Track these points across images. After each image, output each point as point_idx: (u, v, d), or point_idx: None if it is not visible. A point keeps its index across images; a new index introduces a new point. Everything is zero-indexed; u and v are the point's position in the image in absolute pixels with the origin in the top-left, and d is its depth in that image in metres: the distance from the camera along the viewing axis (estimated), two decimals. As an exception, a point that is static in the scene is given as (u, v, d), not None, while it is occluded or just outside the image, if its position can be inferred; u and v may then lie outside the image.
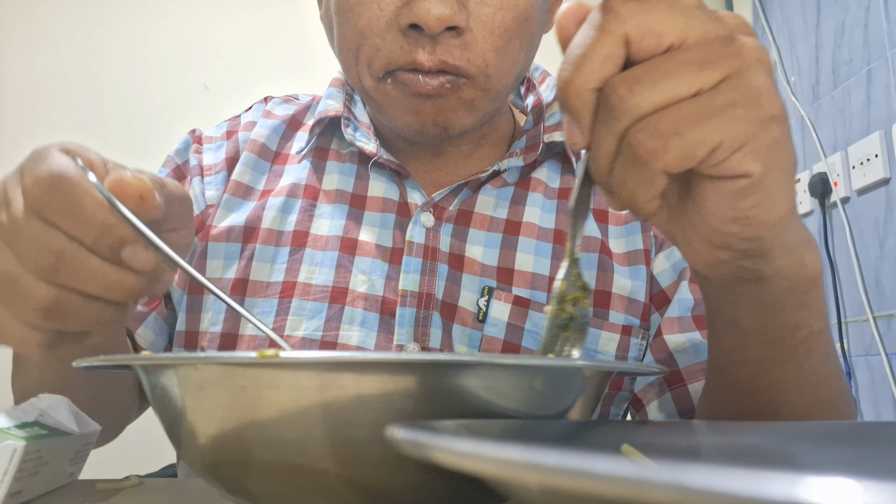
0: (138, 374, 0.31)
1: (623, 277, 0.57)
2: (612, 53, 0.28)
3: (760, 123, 0.27)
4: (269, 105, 0.68)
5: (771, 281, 0.34)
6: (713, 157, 0.27)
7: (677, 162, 0.27)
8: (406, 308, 0.54)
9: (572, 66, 0.28)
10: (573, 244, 0.33)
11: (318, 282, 0.55)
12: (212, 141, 0.65)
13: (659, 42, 0.28)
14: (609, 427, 0.29)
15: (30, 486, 0.33)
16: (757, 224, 0.30)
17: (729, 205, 0.29)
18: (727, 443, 0.28)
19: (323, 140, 0.63)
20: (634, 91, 0.27)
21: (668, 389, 0.55)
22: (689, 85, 0.27)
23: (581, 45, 0.28)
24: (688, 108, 0.27)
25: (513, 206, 0.59)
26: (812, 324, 0.37)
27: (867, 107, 1.35)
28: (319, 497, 0.26)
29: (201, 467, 0.28)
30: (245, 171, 0.62)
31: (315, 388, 0.24)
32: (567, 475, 0.11)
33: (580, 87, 0.28)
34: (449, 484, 0.25)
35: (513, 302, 0.55)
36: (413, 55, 0.49)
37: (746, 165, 0.28)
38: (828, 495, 0.08)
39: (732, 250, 0.32)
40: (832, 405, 0.41)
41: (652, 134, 0.27)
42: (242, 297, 0.56)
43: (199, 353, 0.26)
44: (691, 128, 0.27)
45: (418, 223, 0.57)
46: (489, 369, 0.25)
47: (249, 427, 0.25)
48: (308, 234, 0.57)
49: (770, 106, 0.28)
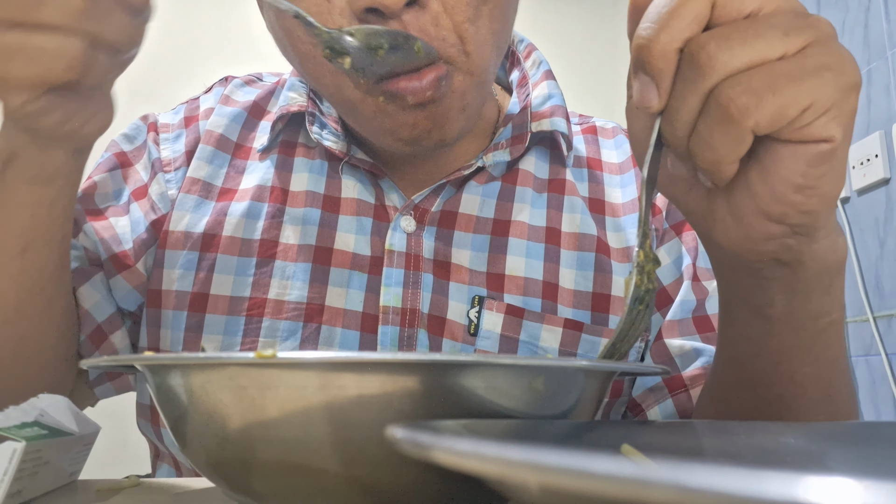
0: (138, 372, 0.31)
1: (622, 277, 0.55)
2: (700, 13, 0.28)
3: (846, 90, 0.28)
4: (228, 88, 0.61)
5: (806, 264, 0.33)
6: (802, 119, 0.28)
7: (769, 120, 0.27)
8: (388, 326, 0.50)
9: (658, 25, 0.28)
10: (647, 213, 0.32)
11: (291, 298, 0.51)
12: (169, 129, 0.58)
13: (741, 8, 0.28)
14: (609, 427, 0.29)
15: (30, 486, 0.33)
16: (819, 196, 0.30)
17: (802, 171, 0.29)
18: (727, 443, 0.28)
19: (289, 133, 0.57)
20: (724, 47, 0.27)
21: (669, 395, 0.53)
22: (777, 47, 0.27)
23: (667, 4, 0.28)
24: (781, 67, 0.27)
25: (500, 203, 0.55)
26: (832, 312, 0.36)
27: (867, 107, 1.35)
28: (322, 496, 0.26)
29: (206, 466, 0.28)
30: (201, 165, 0.55)
31: (315, 387, 0.24)
32: (567, 475, 0.11)
33: (666, 45, 0.28)
34: (451, 483, 0.25)
35: (505, 311, 0.52)
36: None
37: (831, 130, 0.28)
38: (828, 495, 0.08)
39: (785, 224, 0.31)
40: (841, 401, 0.40)
41: (745, 90, 0.27)
42: (202, 313, 0.51)
43: (200, 353, 0.26)
44: (786, 86, 0.27)
45: (398, 229, 0.53)
46: (491, 369, 0.25)
47: (251, 427, 0.25)
48: (277, 243, 0.52)
49: (854, 74, 0.28)
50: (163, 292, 0.53)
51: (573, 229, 0.55)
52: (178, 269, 0.52)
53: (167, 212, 0.55)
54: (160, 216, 0.55)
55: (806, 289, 0.35)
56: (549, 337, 0.52)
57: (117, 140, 0.59)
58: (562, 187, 0.57)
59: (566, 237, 0.55)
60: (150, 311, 0.53)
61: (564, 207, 0.56)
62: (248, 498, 0.28)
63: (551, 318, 0.52)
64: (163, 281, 0.53)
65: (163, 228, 0.54)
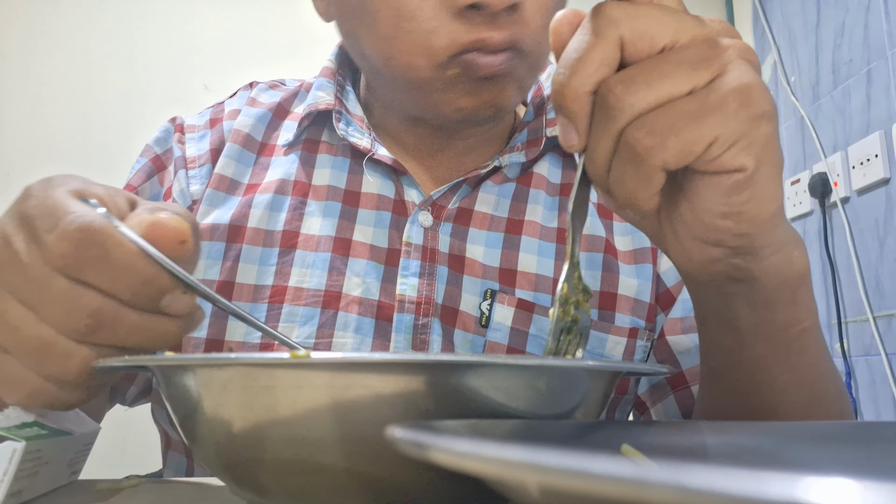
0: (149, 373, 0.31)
1: (629, 277, 0.56)
2: (608, 57, 0.29)
3: (753, 120, 0.28)
4: (253, 92, 0.64)
5: (761, 279, 0.34)
6: (709, 153, 0.28)
7: (675, 158, 0.28)
8: (404, 314, 0.52)
9: (569, 70, 0.29)
10: (574, 247, 0.33)
11: (310, 285, 0.53)
12: (194, 130, 0.61)
13: (652, 44, 0.29)
14: (609, 427, 0.29)
15: (30, 486, 0.33)
16: (748, 219, 0.31)
17: (722, 200, 0.30)
18: (727, 443, 0.28)
19: (313, 132, 0.59)
20: (631, 90, 0.28)
21: (671, 392, 0.55)
22: (684, 84, 0.28)
23: (577, 50, 0.29)
24: (683, 105, 0.28)
25: (514, 203, 0.57)
26: (803, 321, 0.37)
27: (867, 107, 1.35)
28: (330, 494, 0.26)
29: (214, 462, 0.28)
30: (229, 163, 0.58)
31: (323, 387, 0.24)
32: (566, 475, 0.11)
33: (577, 89, 0.29)
34: (464, 484, 0.25)
35: (516, 305, 0.53)
36: (479, 34, 0.46)
37: (741, 160, 0.29)
38: (828, 495, 0.08)
39: (724, 247, 0.32)
40: (828, 402, 0.41)
41: (650, 131, 0.28)
42: (228, 300, 0.51)
43: (228, 354, 0.26)
44: (688, 124, 0.28)
45: (416, 223, 0.55)
46: (506, 370, 0.25)
47: (261, 425, 0.25)
48: (299, 234, 0.54)
49: (761, 103, 0.29)
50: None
51: (584, 231, 0.56)
52: (205, 260, 0.54)
53: (186, 207, 0.56)
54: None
55: (768, 301, 0.35)
56: None
57: (151, 144, 0.61)
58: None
59: None
60: None
61: None
62: (254, 494, 0.28)
63: None
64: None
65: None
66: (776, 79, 1.65)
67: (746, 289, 0.35)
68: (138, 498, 0.36)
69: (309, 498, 0.26)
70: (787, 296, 0.35)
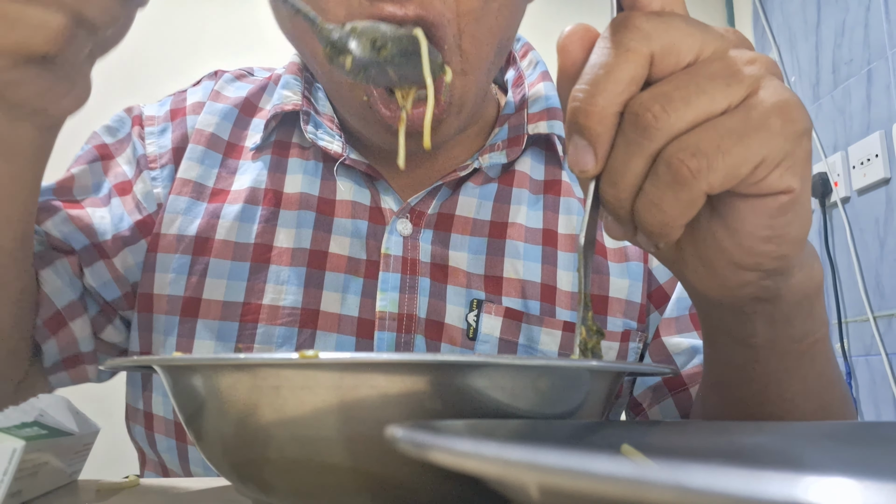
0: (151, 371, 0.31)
1: (619, 278, 0.54)
2: (639, 73, 0.27)
3: (796, 137, 0.27)
4: (218, 84, 0.60)
5: (785, 297, 0.33)
6: (755, 175, 0.26)
7: (722, 181, 0.26)
8: (385, 332, 0.49)
9: (594, 88, 0.27)
10: (586, 286, 0.30)
11: (286, 303, 0.50)
12: (154, 123, 0.57)
13: (679, 60, 0.27)
14: (609, 427, 0.29)
15: (30, 486, 0.33)
16: (789, 241, 0.29)
17: (766, 223, 0.28)
18: (727, 443, 0.28)
19: (282, 132, 0.56)
20: (668, 109, 0.26)
21: (669, 395, 0.53)
22: (720, 101, 0.26)
23: (603, 66, 0.27)
24: (727, 123, 0.26)
25: (497, 205, 0.54)
26: (816, 332, 0.36)
27: (867, 107, 1.35)
28: (335, 493, 0.26)
29: (225, 465, 0.28)
30: (192, 166, 0.54)
31: (329, 387, 0.25)
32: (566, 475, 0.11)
33: (605, 109, 0.27)
34: (469, 483, 0.25)
35: (504, 315, 0.51)
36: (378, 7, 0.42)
37: (787, 181, 0.27)
38: (828, 495, 0.08)
39: (761, 271, 0.30)
40: (835, 409, 0.40)
41: (694, 153, 0.26)
42: (195, 318, 0.50)
43: (237, 354, 0.26)
44: (734, 145, 0.26)
45: (394, 232, 0.52)
46: (512, 371, 0.25)
47: (269, 424, 0.25)
48: (272, 247, 0.51)
49: (802, 119, 0.27)
50: (154, 296, 0.52)
51: (569, 231, 0.55)
52: (170, 274, 0.51)
53: (152, 211, 0.54)
54: (146, 216, 0.54)
55: (787, 317, 0.34)
56: (547, 340, 0.52)
57: (99, 132, 0.57)
58: (558, 189, 0.57)
59: (562, 239, 0.55)
60: (141, 315, 0.52)
61: (560, 209, 0.56)
62: (260, 493, 0.28)
63: (550, 321, 0.52)
64: (154, 285, 0.51)
65: (153, 231, 0.53)
66: (776, 79, 1.66)
67: (769, 307, 0.33)
68: (138, 498, 0.36)
69: (315, 497, 0.27)
70: (806, 310, 0.34)
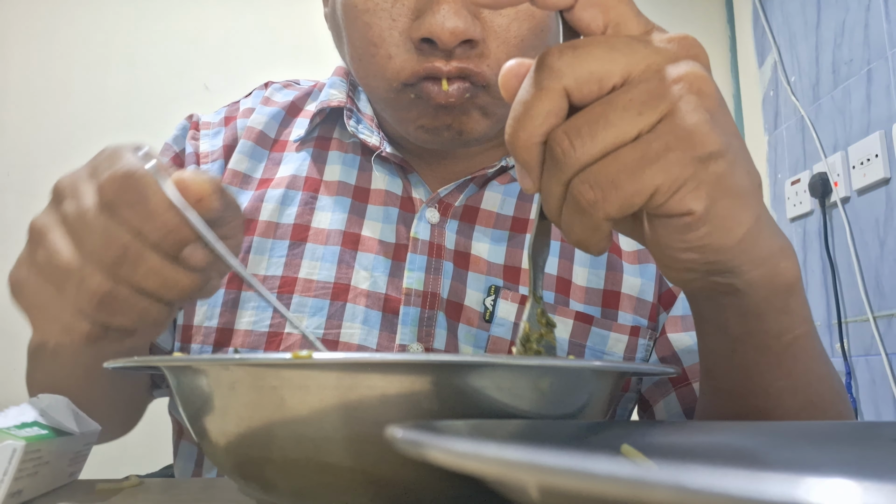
0: (163, 373, 0.32)
1: (632, 276, 0.57)
2: (553, 108, 0.28)
3: (698, 163, 0.28)
4: (268, 91, 0.66)
5: (746, 291, 0.34)
6: (652, 202, 0.28)
7: (617, 210, 0.28)
8: (410, 307, 0.53)
9: (517, 123, 0.29)
10: (535, 283, 0.34)
11: (320, 277, 0.54)
12: (209, 127, 0.63)
13: (602, 86, 0.28)
14: (610, 427, 0.29)
15: (30, 486, 0.33)
16: (712, 250, 0.30)
17: (679, 238, 0.30)
18: (727, 443, 0.28)
19: (325, 129, 0.61)
20: (576, 144, 0.28)
21: (672, 389, 0.56)
22: (628, 131, 0.27)
23: (522, 102, 0.29)
24: (625, 156, 0.27)
25: (519, 202, 0.58)
26: (795, 329, 0.37)
27: (867, 107, 1.35)
28: (337, 492, 0.26)
29: (227, 464, 0.28)
30: (242, 159, 0.60)
31: (331, 387, 0.25)
32: (566, 475, 0.11)
33: (527, 141, 0.29)
34: (469, 483, 0.25)
35: (520, 302, 0.54)
36: (431, 64, 0.48)
37: (688, 204, 0.28)
38: (828, 495, 0.08)
39: (696, 272, 0.32)
40: (825, 405, 0.41)
41: (591, 186, 0.28)
42: (238, 290, 0.55)
43: (232, 355, 0.26)
44: (628, 178, 0.27)
45: (423, 219, 0.56)
46: (510, 371, 0.25)
47: (278, 425, 0.25)
48: (309, 227, 0.56)
49: (705, 144, 0.28)
50: None
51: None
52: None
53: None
54: None
55: (758, 311, 0.35)
56: (560, 328, 0.54)
57: (169, 143, 0.62)
58: None
59: None
60: None
61: None
62: (262, 492, 0.28)
63: (563, 310, 0.55)
64: None
65: None
66: (776, 79, 1.65)
67: (735, 300, 0.34)
68: (138, 498, 0.36)
69: (315, 496, 0.27)
70: (778, 306, 0.35)
